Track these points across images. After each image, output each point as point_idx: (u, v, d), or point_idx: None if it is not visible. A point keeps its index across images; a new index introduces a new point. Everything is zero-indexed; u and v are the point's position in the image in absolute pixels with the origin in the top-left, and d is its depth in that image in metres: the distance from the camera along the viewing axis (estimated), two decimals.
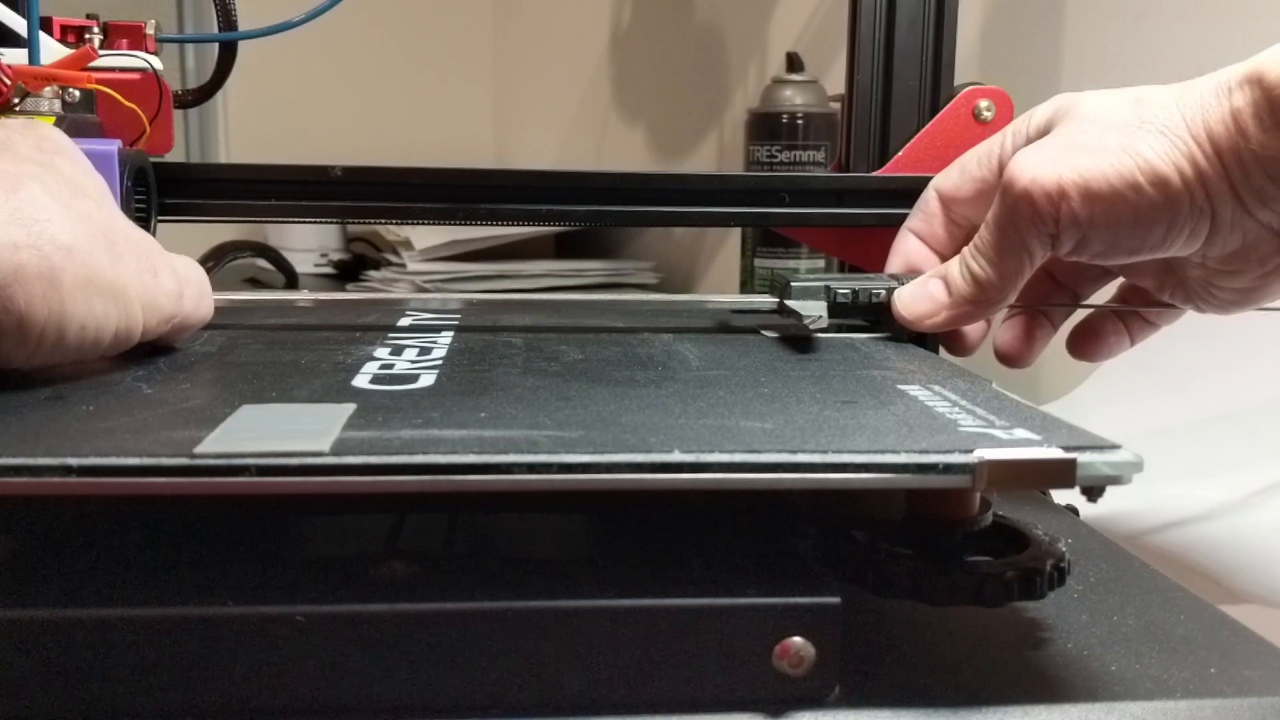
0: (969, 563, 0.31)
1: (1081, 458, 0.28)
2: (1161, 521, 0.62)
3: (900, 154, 0.57)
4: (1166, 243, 0.41)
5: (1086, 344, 0.51)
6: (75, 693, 0.27)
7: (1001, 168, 0.46)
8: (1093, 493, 0.29)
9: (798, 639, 0.28)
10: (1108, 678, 0.31)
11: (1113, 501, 0.29)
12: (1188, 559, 0.58)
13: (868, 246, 0.54)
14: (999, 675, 0.31)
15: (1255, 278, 0.43)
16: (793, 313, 0.44)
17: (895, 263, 0.50)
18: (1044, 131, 0.44)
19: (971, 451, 0.28)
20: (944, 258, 0.48)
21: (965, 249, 0.45)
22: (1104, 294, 0.52)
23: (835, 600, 0.28)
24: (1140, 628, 0.34)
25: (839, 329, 0.47)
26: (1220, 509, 0.65)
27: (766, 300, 0.47)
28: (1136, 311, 0.51)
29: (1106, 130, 0.41)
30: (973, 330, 0.47)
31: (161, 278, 0.37)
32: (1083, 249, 0.42)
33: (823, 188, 0.56)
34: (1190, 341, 0.81)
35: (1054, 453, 0.28)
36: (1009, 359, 0.50)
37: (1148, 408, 0.79)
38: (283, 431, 0.29)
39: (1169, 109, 0.40)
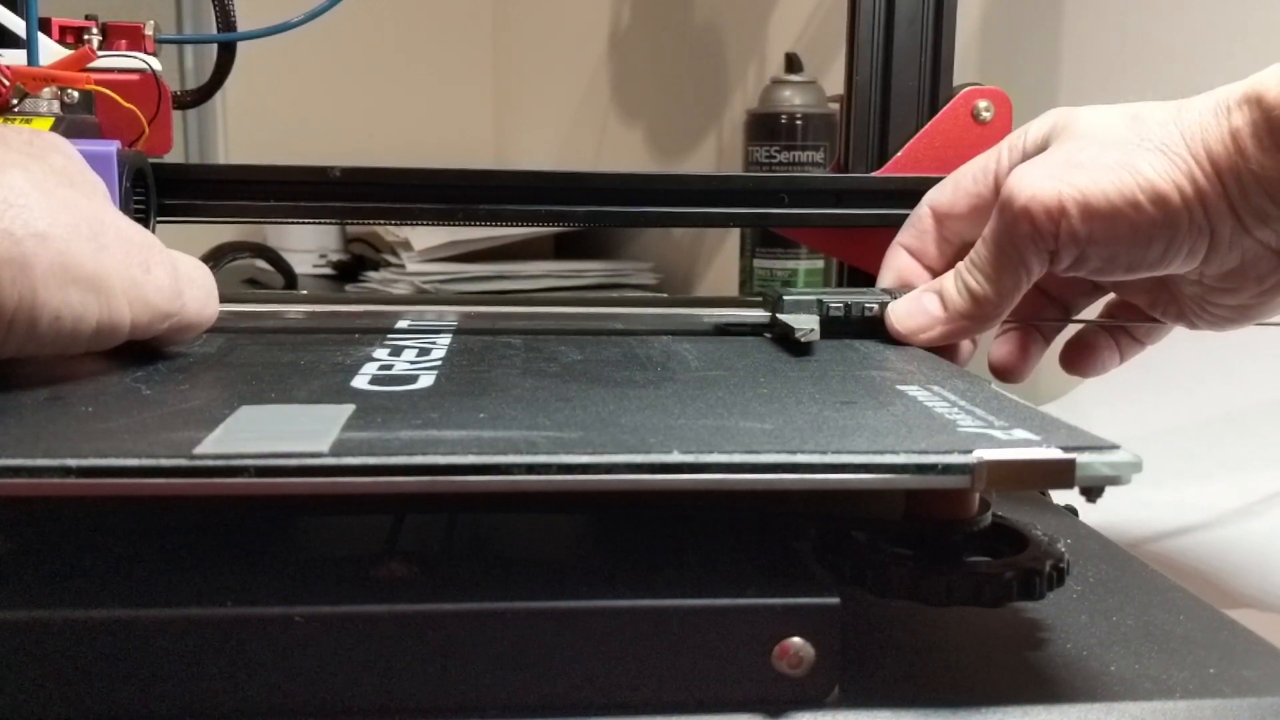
0: (968, 563, 0.31)
1: (1080, 458, 0.28)
2: (1160, 522, 0.63)
3: (899, 154, 0.57)
4: (1165, 260, 0.41)
5: (1080, 358, 0.51)
6: (75, 693, 0.27)
7: (998, 183, 0.46)
8: (1092, 493, 0.29)
9: (797, 639, 0.28)
10: (1107, 678, 0.31)
11: (1112, 502, 0.29)
12: (1186, 561, 0.58)
13: (867, 247, 0.54)
14: (999, 675, 0.31)
15: (1252, 295, 0.43)
16: (785, 326, 0.44)
17: (887, 277, 0.50)
18: (1041, 147, 0.44)
19: (970, 452, 0.28)
20: (935, 273, 0.48)
21: (961, 264, 0.45)
22: (1096, 310, 0.52)
23: (835, 600, 0.28)
24: (1139, 628, 0.34)
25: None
26: (1219, 511, 0.65)
27: (759, 314, 0.47)
28: (1126, 328, 0.51)
29: (1105, 147, 0.41)
30: (964, 346, 0.48)
31: (156, 273, 0.36)
32: (1081, 265, 0.42)
33: (822, 188, 0.56)
34: (1190, 343, 0.81)
35: (1053, 453, 0.28)
36: (1005, 373, 0.50)
37: (1147, 408, 0.79)
38: (282, 432, 0.29)
39: (1167, 127, 0.40)
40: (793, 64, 1.06)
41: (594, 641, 0.28)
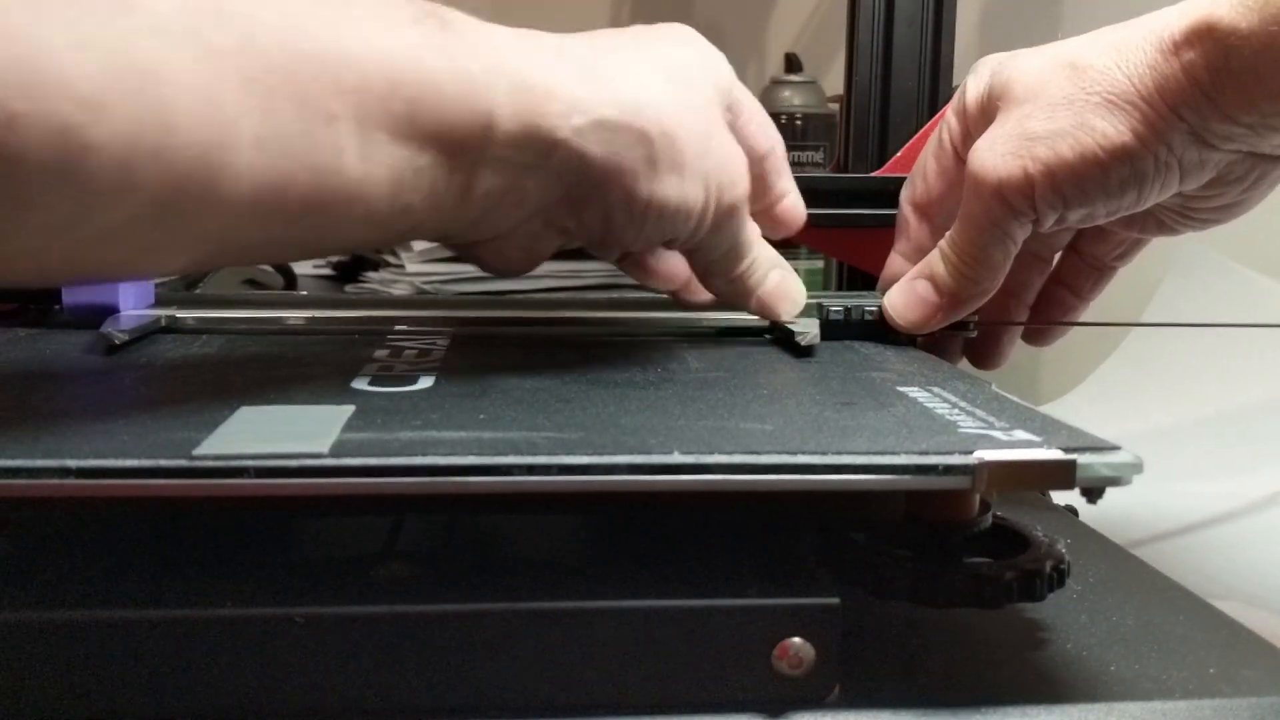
0: (968, 564, 0.31)
1: (1081, 459, 0.28)
2: (1160, 522, 0.63)
3: (899, 154, 0.57)
4: (1142, 200, 0.41)
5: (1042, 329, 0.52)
6: (75, 693, 0.27)
7: (955, 150, 0.46)
8: (1092, 494, 0.29)
9: (797, 639, 0.28)
10: (1107, 678, 0.31)
11: (1112, 502, 0.29)
12: (1186, 560, 0.58)
13: (867, 247, 0.54)
14: (998, 676, 0.31)
15: (1237, 194, 0.43)
16: (785, 329, 0.44)
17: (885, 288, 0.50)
18: (981, 106, 0.44)
19: (971, 453, 0.28)
20: None
21: (944, 247, 0.45)
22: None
23: (834, 601, 0.28)
24: (1139, 628, 0.34)
25: None
26: (1219, 510, 0.66)
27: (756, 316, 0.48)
28: (1092, 264, 0.51)
29: (1054, 109, 0.41)
30: (956, 343, 0.49)
31: (740, 183, 0.39)
32: (1063, 223, 0.42)
33: (821, 188, 0.56)
34: (1190, 343, 0.82)
35: (1054, 454, 0.28)
36: (981, 360, 0.51)
37: (1146, 408, 0.79)
38: (281, 433, 0.29)
39: (1111, 73, 0.40)
40: (792, 64, 1.07)
41: (594, 642, 0.28)
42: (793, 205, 0.46)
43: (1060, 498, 0.48)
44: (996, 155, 0.41)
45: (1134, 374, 0.84)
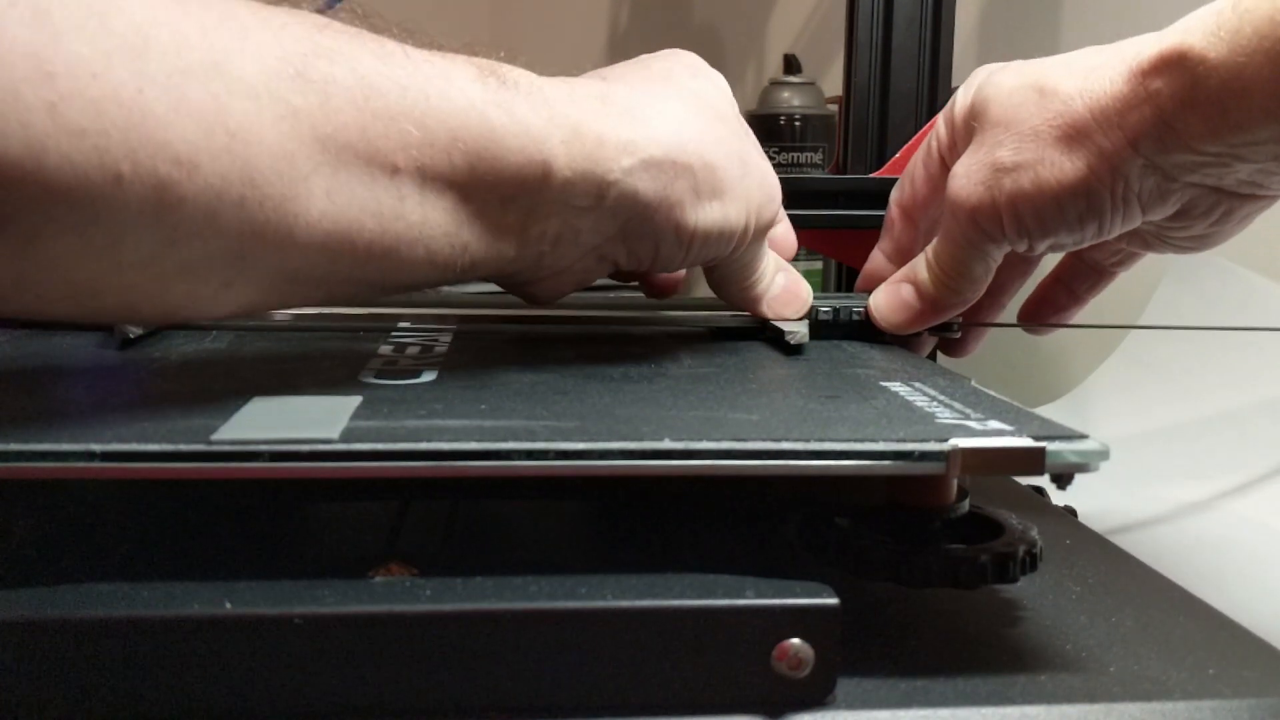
0: (945, 548, 0.32)
1: (1050, 446, 0.29)
2: (1159, 521, 0.63)
3: (898, 155, 0.57)
4: (1103, 232, 0.42)
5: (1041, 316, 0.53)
6: (75, 693, 0.27)
7: (942, 160, 0.47)
8: (1062, 479, 0.30)
9: (796, 641, 0.28)
10: (1106, 679, 0.31)
11: (1110, 502, 0.30)
12: (1186, 560, 0.59)
13: (865, 248, 0.54)
14: (998, 677, 0.31)
15: (1205, 227, 0.44)
16: (776, 329, 0.45)
17: (866, 284, 0.51)
18: (965, 124, 0.45)
19: (946, 440, 0.29)
20: None
21: (930, 255, 0.46)
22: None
23: (834, 602, 0.28)
24: (1139, 629, 0.34)
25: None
26: (1219, 510, 0.66)
27: (748, 315, 0.49)
28: (1092, 266, 0.52)
29: (1021, 141, 0.42)
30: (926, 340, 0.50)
31: (774, 199, 0.42)
32: (1034, 250, 0.44)
33: (820, 189, 0.56)
34: (1190, 343, 0.82)
35: (1024, 441, 0.29)
36: (950, 350, 0.52)
37: (1145, 409, 0.79)
38: (294, 421, 0.30)
39: (1073, 103, 0.41)
40: (791, 65, 1.07)
41: (593, 643, 0.28)
42: (784, 235, 0.48)
43: (1060, 498, 0.49)
44: (971, 183, 0.43)
45: (1133, 375, 0.84)
